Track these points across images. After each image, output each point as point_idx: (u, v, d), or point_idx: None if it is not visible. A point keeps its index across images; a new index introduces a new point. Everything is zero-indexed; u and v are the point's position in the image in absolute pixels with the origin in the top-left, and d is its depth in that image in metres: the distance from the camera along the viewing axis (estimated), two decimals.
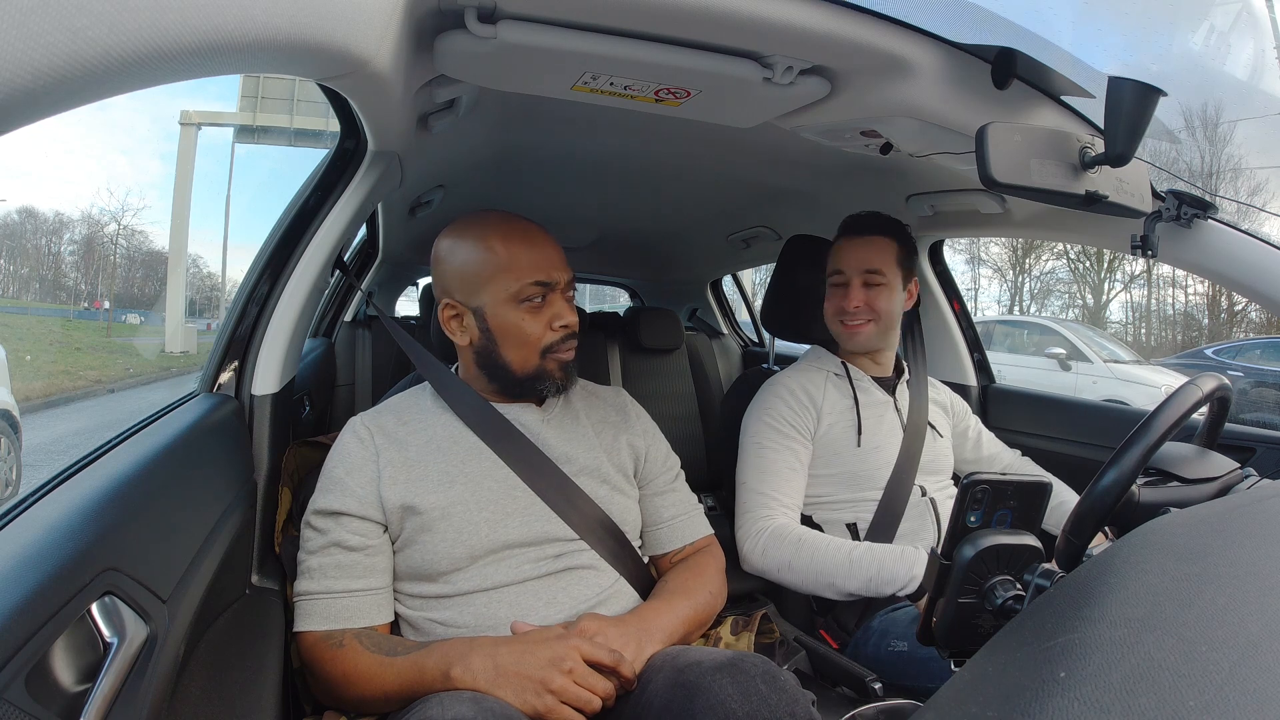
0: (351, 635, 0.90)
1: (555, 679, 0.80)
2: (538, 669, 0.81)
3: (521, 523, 0.97)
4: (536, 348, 1.02)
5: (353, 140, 1.10)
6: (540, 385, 1.04)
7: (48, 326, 17.94)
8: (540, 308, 1.02)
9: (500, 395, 1.07)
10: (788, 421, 1.36)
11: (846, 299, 1.38)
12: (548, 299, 1.03)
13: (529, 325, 1.01)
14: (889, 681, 1.08)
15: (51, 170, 43.75)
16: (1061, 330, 8.03)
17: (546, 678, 0.80)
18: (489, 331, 1.03)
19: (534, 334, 1.02)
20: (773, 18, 0.83)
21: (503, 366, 1.04)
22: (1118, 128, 0.87)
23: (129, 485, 0.69)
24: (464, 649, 0.85)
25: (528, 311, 1.01)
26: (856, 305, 1.37)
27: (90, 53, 0.36)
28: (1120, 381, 6.99)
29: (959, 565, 0.66)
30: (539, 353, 1.03)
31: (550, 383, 1.04)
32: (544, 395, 1.07)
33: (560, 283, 1.03)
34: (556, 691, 0.80)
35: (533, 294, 1.01)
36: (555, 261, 1.03)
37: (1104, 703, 0.31)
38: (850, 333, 1.40)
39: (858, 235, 1.40)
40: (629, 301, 3.55)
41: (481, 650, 0.84)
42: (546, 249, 1.03)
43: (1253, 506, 0.52)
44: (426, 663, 0.85)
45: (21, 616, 0.48)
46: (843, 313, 1.39)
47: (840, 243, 1.42)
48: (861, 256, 1.38)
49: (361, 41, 0.67)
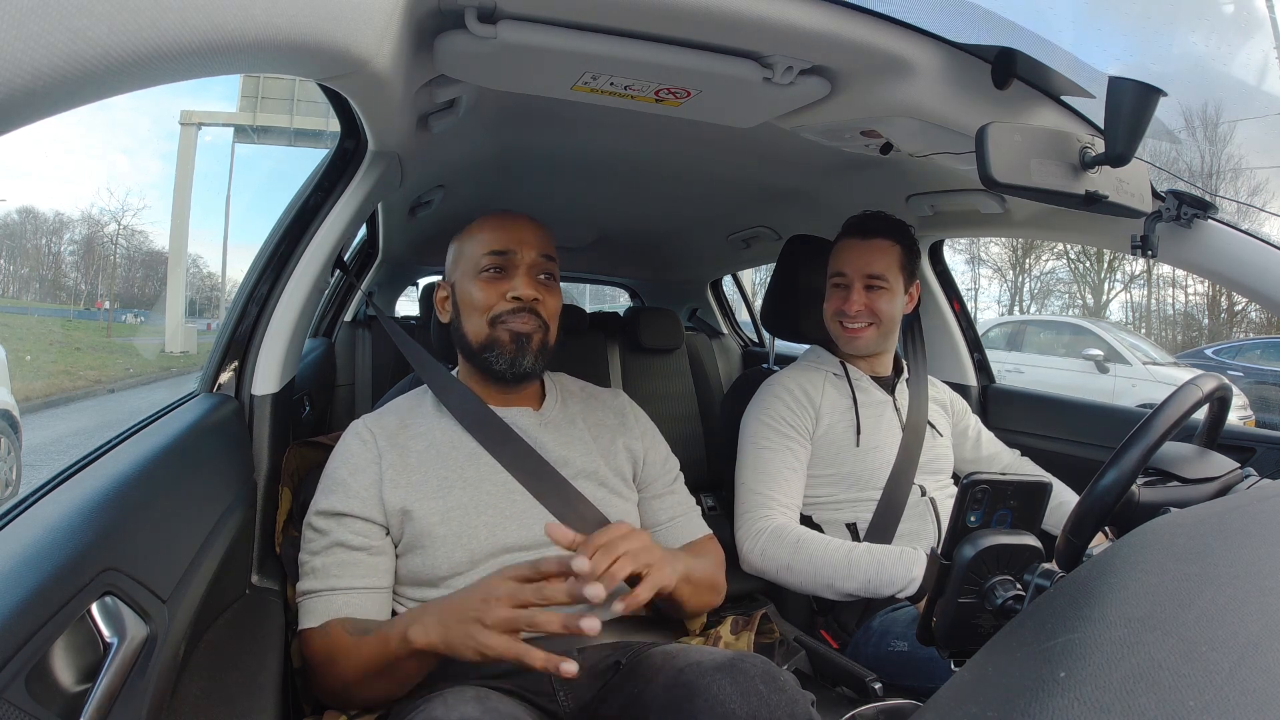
0: (335, 623, 0.91)
1: (489, 611, 0.75)
2: (472, 608, 0.77)
3: (520, 526, 0.97)
4: (486, 316, 1.04)
5: (353, 140, 1.10)
6: (489, 355, 1.03)
7: (48, 326, 17.96)
8: (496, 279, 1.05)
9: (495, 394, 1.07)
10: (786, 421, 1.36)
11: (848, 302, 1.38)
12: (508, 272, 1.04)
13: (480, 294, 1.04)
14: (889, 681, 1.08)
15: (52, 170, 43.78)
16: (1096, 330, 7.68)
17: (481, 613, 0.76)
18: (456, 304, 1.08)
19: (485, 302, 1.04)
20: (773, 18, 0.83)
21: (464, 340, 1.07)
22: (1118, 128, 0.87)
23: (129, 485, 0.69)
24: (419, 611, 0.85)
25: (485, 282, 1.05)
26: (858, 309, 1.37)
27: (90, 53, 0.36)
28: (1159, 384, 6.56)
29: (959, 565, 0.67)
30: (489, 321, 1.04)
31: (499, 352, 1.03)
32: (496, 369, 1.04)
33: (521, 255, 1.05)
34: (497, 624, 0.75)
35: (488, 264, 1.04)
36: (521, 237, 1.05)
37: (1104, 703, 0.31)
38: (850, 336, 1.39)
39: (861, 238, 1.39)
40: (629, 301, 3.55)
41: (431, 608, 0.83)
42: (515, 227, 1.06)
43: (1253, 506, 0.52)
44: (389, 632, 0.85)
45: (21, 616, 0.48)
46: (843, 315, 1.39)
47: (843, 243, 1.41)
48: (864, 260, 1.37)
49: (361, 41, 0.67)
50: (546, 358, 1.07)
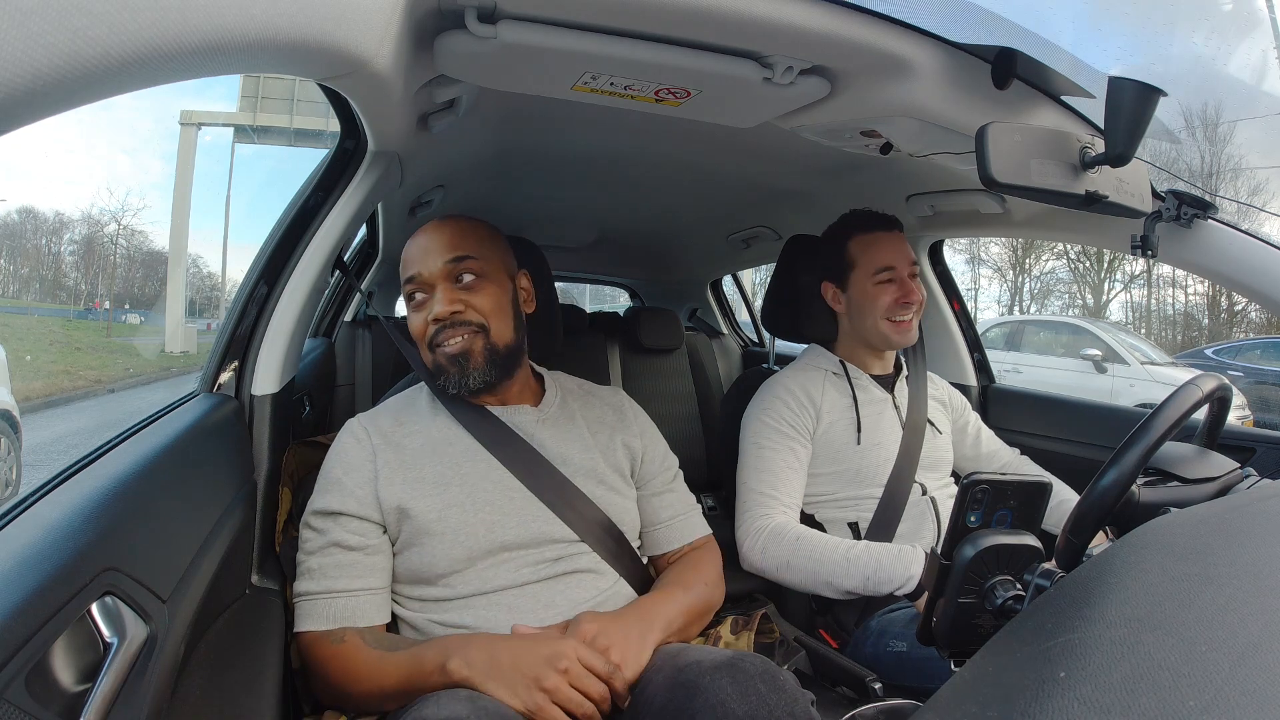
0: (353, 632, 0.91)
1: (549, 677, 0.80)
2: (533, 666, 0.81)
3: (519, 524, 0.97)
4: (425, 344, 1.03)
5: (353, 140, 1.10)
6: (443, 381, 1.02)
7: (48, 326, 17.95)
8: (422, 304, 1.03)
9: (489, 395, 1.07)
10: (787, 421, 1.36)
11: (910, 293, 1.36)
12: (429, 293, 1.03)
13: (413, 322, 1.05)
14: (889, 681, 1.08)
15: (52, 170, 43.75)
16: (1095, 330, 7.68)
17: (540, 675, 0.81)
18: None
19: (417, 330, 1.04)
20: (773, 18, 0.83)
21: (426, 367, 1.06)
22: (1118, 128, 0.87)
23: (129, 485, 0.69)
24: (462, 642, 0.85)
25: (414, 309, 1.05)
26: (917, 298, 1.36)
27: (90, 53, 0.36)
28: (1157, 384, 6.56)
29: (959, 565, 0.67)
30: (429, 347, 1.03)
31: (446, 378, 1.01)
32: (451, 394, 1.03)
33: (427, 269, 1.01)
34: (549, 690, 0.80)
35: (409, 291, 1.04)
36: (426, 248, 1.02)
37: (1104, 703, 0.31)
38: (905, 329, 1.37)
39: (886, 229, 1.40)
40: (629, 301, 3.55)
41: (479, 644, 0.84)
42: (425, 243, 1.03)
43: (1253, 506, 0.52)
44: (425, 655, 0.85)
45: (21, 616, 0.48)
46: (902, 309, 1.36)
47: (873, 236, 1.39)
48: (902, 250, 1.38)
49: (361, 41, 0.67)
50: (502, 357, 1.03)
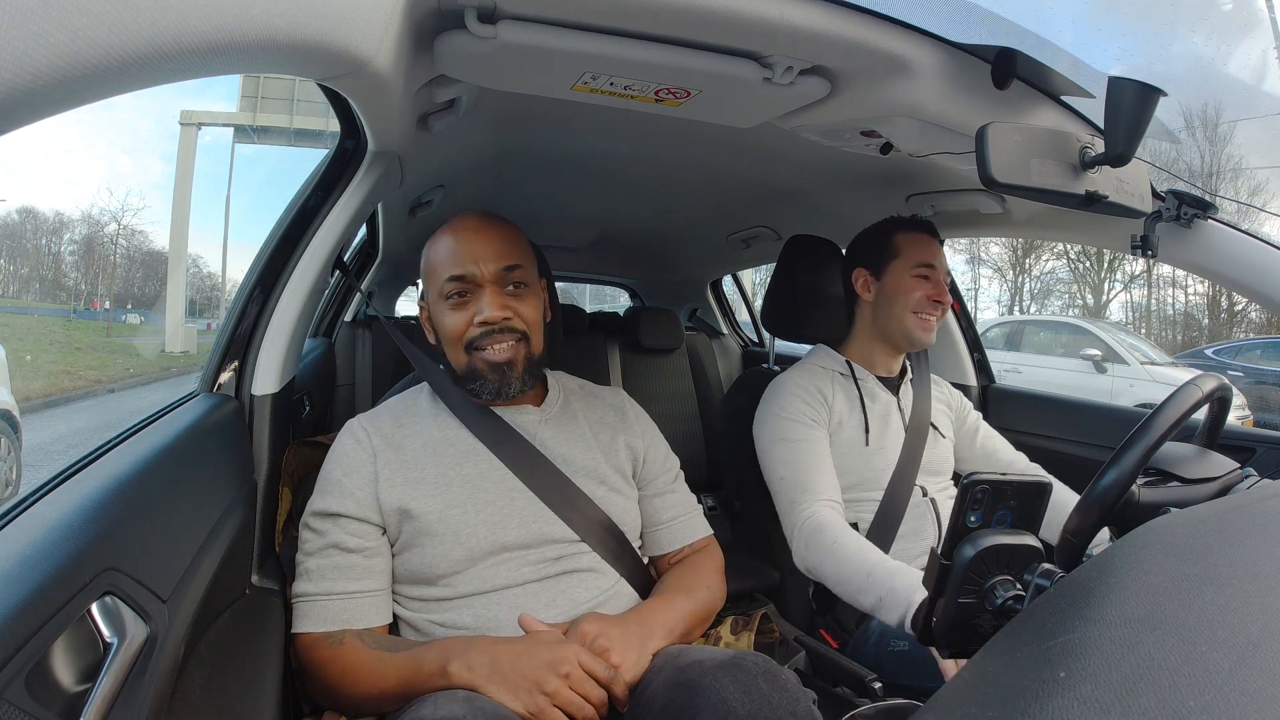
0: (352, 634, 0.91)
1: (550, 681, 0.80)
2: (534, 669, 0.81)
3: (520, 524, 0.97)
4: (460, 345, 1.01)
5: (353, 140, 1.10)
6: (474, 386, 1.01)
7: (48, 326, 17.95)
8: (465, 304, 1.00)
9: None
10: (805, 415, 1.35)
11: (943, 293, 1.40)
12: (474, 294, 1.00)
13: (450, 321, 1.01)
14: (889, 681, 1.07)
15: (52, 170, 43.78)
16: (1095, 330, 7.69)
17: (542, 679, 0.80)
18: (435, 330, 1.05)
19: (455, 330, 1.00)
20: (773, 18, 0.83)
21: (450, 368, 1.04)
22: (1118, 128, 0.87)
23: (129, 485, 0.69)
24: (463, 645, 0.85)
25: (452, 308, 1.01)
26: (949, 304, 1.41)
27: (90, 53, 0.36)
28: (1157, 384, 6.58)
29: (959, 565, 0.66)
30: (464, 349, 1.00)
31: (483, 383, 1.00)
32: (484, 398, 1.02)
33: (481, 273, 0.99)
34: (550, 694, 0.80)
35: (450, 290, 1.00)
36: (477, 253, 0.99)
37: (1104, 703, 0.31)
38: (929, 328, 1.40)
39: (930, 234, 1.42)
40: (629, 301, 3.55)
41: (481, 647, 0.84)
42: (474, 243, 1.00)
43: (1253, 506, 0.52)
44: (425, 657, 0.85)
45: (21, 616, 0.48)
46: (932, 306, 1.39)
47: (918, 236, 1.42)
48: (942, 258, 1.42)
49: (361, 41, 0.67)
50: (536, 366, 1.04)
